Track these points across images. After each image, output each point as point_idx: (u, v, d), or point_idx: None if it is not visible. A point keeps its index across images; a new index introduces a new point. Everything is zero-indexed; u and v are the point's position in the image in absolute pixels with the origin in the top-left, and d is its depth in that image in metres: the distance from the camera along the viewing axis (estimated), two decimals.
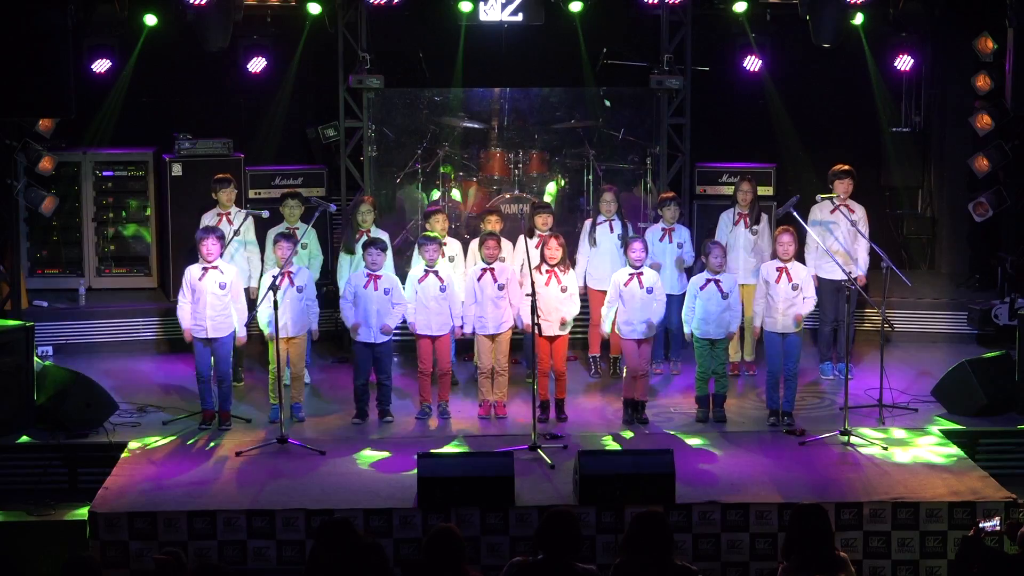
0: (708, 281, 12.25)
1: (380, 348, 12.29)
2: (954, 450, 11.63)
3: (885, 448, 11.60)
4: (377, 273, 12.24)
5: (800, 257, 12.65)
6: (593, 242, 13.43)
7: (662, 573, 7.78)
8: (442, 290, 12.36)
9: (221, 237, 12.23)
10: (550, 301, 12.19)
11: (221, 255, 12.20)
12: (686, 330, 12.30)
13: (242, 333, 12.28)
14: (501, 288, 12.32)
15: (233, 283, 12.19)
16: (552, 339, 12.24)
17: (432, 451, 11.25)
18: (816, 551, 7.97)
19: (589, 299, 13.48)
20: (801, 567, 7.95)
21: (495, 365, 12.42)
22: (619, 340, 12.35)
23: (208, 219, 13.21)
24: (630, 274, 12.25)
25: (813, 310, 12.54)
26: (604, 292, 12.64)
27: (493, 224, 13.06)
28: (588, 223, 13.58)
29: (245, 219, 13.12)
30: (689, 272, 13.18)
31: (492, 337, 12.39)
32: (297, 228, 13.02)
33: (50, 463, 11.67)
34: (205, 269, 12.05)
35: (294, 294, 12.24)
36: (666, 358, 13.78)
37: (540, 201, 14.06)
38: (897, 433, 12.01)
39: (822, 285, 13.29)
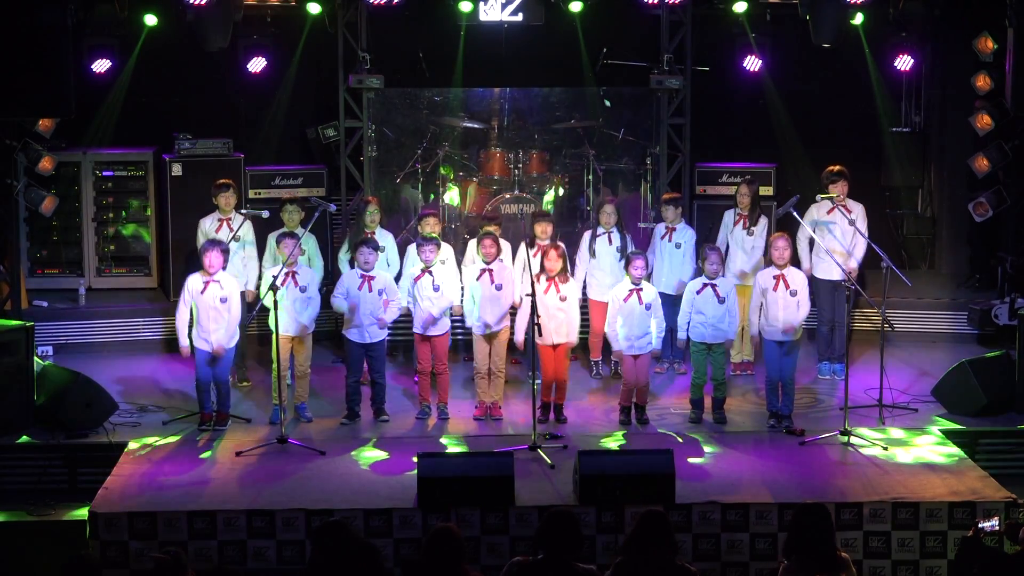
0: (705, 286, 12.24)
1: (373, 349, 12.29)
2: (954, 450, 11.63)
3: (885, 448, 11.61)
4: (370, 274, 12.24)
5: (797, 260, 12.65)
6: (592, 254, 13.43)
7: (662, 573, 7.78)
8: (435, 289, 12.35)
9: (226, 251, 12.20)
10: (549, 310, 12.16)
11: (224, 267, 12.18)
12: (680, 335, 12.28)
13: (229, 344, 12.15)
14: (499, 288, 12.31)
15: (232, 295, 12.17)
16: (555, 347, 12.24)
17: (432, 451, 11.24)
18: (818, 550, 7.97)
19: (589, 309, 13.48)
20: (802, 566, 7.95)
21: (492, 366, 12.41)
22: (619, 355, 12.36)
23: (207, 223, 13.20)
24: (630, 290, 12.22)
25: (810, 310, 12.55)
26: (603, 303, 12.68)
27: (492, 230, 13.06)
28: (588, 235, 13.57)
29: (243, 222, 13.10)
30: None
31: (488, 338, 12.38)
32: (297, 232, 12.99)
33: (50, 463, 11.67)
34: (207, 282, 12.04)
35: (298, 294, 12.25)
36: (672, 356, 13.77)
37: (540, 210, 14.06)
38: (897, 433, 12.02)
39: (819, 285, 13.29)
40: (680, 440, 11.89)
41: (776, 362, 12.21)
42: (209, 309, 12.00)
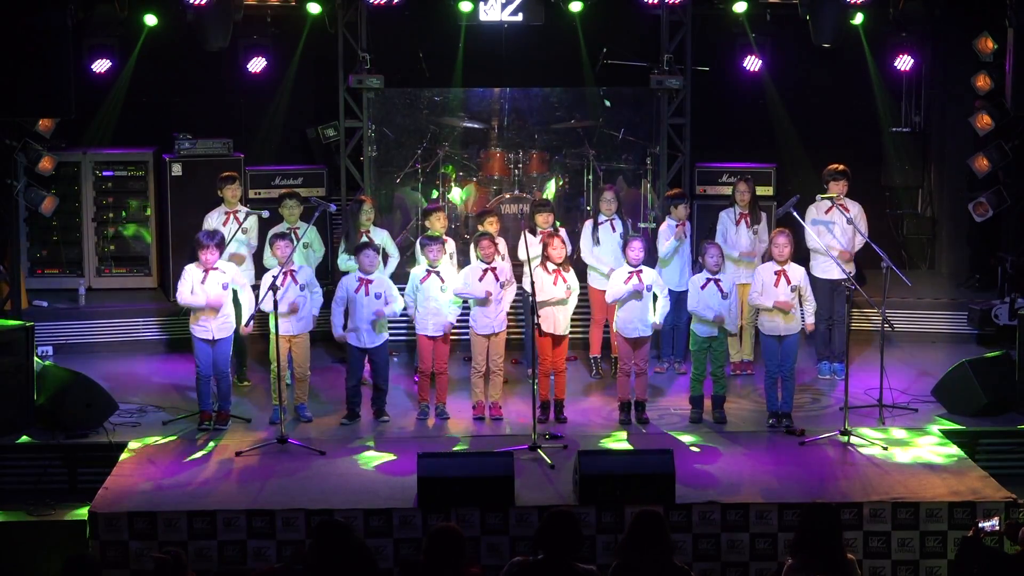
0: (708, 281, 12.25)
1: (375, 353, 12.29)
2: (954, 450, 11.63)
3: (885, 448, 11.61)
4: (369, 277, 12.23)
5: (799, 258, 12.64)
6: (596, 241, 13.44)
7: (661, 573, 7.78)
8: (443, 290, 12.35)
9: (220, 245, 12.18)
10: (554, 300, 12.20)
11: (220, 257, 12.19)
12: (711, 316, 12.16)
13: (245, 322, 12.24)
14: (503, 286, 12.32)
15: (235, 279, 12.18)
16: (555, 339, 12.25)
17: (432, 451, 11.24)
18: (824, 551, 7.96)
19: (590, 298, 13.48)
20: (807, 565, 7.94)
21: (491, 365, 12.41)
22: (617, 336, 12.36)
23: (214, 217, 13.21)
24: (629, 272, 12.25)
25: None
26: (604, 291, 12.67)
27: (487, 225, 13.06)
28: (589, 223, 13.59)
29: (247, 218, 13.14)
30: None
31: (488, 337, 12.38)
32: (297, 228, 13.01)
33: (50, 463, 11.67)
34: (206, 271, 12.04)
35: (297, 292, 12.25)
36: (672, 356, 13.77)
37: (541, 199, 14.07)
38: (897, 433, 12.02)
39: (819, 284, 13.28)
40: (680, 440, 11.89)
41: (775, 357, 12.21)
42: (210, 297, 11.98)
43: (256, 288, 12.79)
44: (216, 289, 12.01)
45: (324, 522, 8.40)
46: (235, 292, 12.29)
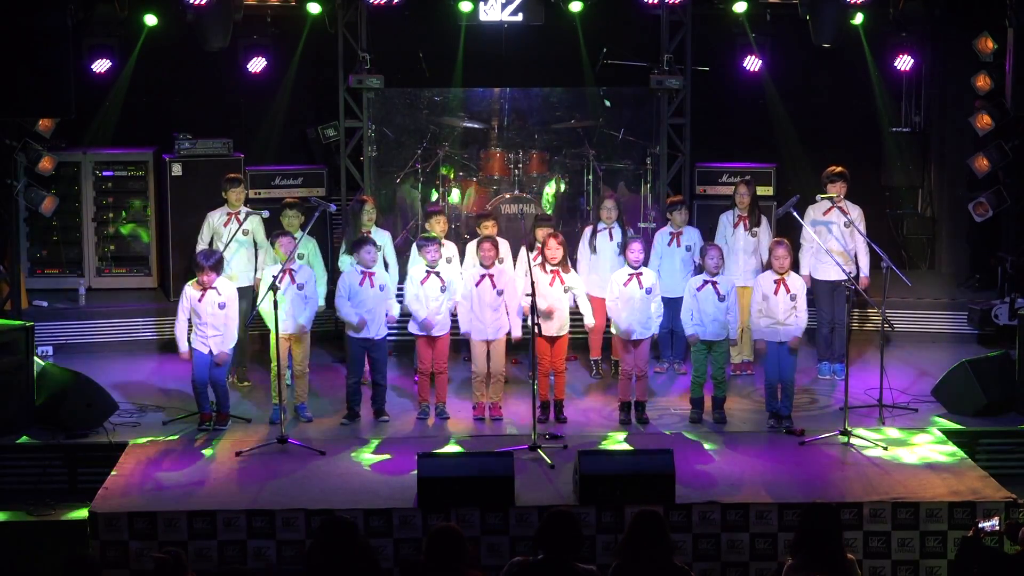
0: (705, 283, 12.24)
1: (375, 348, 12.29)
2: (954, 450, 11.63)
3: (885, 448, 11.60)
4: (371, 270, 12.24)
5: (797, 265, 12.64)
6: (593, 249, 13.42)
7: (661, 573, 7.78)
8: (443, 291, 12.36)
9: (216, 267, 12.11)
10: (554, 302, 12.19)
11: (219, 275, 12.17)
12: (688, 332, 12.27)
13: (227, 349, 12.16)
14: (500, 294, 12.29)
15: (230, 301, 12.16)
16: (552, 340, 12.25)
17: (432, 451, 11.25)
18: (824, 551, 7.96)
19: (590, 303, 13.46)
20: (807, 565, 7.94)
21: (491, 368, 12.39)
22: (617, 340, 12.36)
23: (215, 217, 13.22)
24: (629, 274, 12.25)
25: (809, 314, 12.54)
26: (603, 299, 12.62)
27: (489, 229, 13.06)
28: (588, 230, 13.57)
29: (247, 218, 13.14)
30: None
31: (488, 343, 12.37)
32: (296, 236, 12.98)
33: (50, 463, 11.67)
34: (204, 289, 12.04)
35: (295, 291, 12.25)
36: (672, 356, 13.76)
37: (543, 213, 14.07)
38: (897, 433, 12.01)
39: (819, 285, 13.30)
40: (680, 440, 11.89)
41: (775, 364, 12.20)
42: (207, 316, 12.00)
43: (254, 290, 12.83)
44: (212, 308, 12.01)
45: (329, 520, 8.39)
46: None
